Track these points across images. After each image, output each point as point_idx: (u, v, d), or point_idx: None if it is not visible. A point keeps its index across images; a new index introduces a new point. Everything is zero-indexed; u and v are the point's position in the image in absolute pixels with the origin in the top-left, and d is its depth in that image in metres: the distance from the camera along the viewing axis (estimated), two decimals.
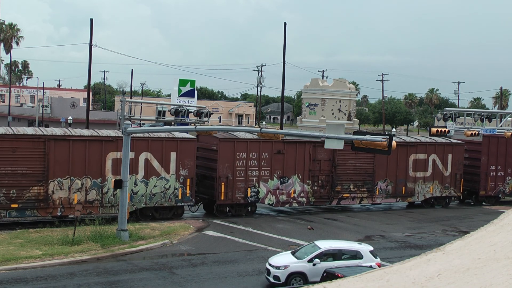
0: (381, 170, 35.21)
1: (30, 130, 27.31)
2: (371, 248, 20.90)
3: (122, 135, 25.54)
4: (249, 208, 32.05)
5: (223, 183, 30.67)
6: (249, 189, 31.36)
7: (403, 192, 36.19)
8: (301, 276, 19.60)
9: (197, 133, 30.16)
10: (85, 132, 28.62)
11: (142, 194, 28.86)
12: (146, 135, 29.18)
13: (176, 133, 30.04)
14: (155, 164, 29.08)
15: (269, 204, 32.46)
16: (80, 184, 27.30)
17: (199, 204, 32.41)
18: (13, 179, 25.81)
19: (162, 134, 29.48)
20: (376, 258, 20.48)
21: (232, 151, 30.85)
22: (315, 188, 33.38)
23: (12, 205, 25.94)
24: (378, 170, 35.10)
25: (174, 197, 29.60)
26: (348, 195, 34.36)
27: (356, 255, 20.17)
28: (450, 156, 37.46)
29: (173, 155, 29.37)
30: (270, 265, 19.85)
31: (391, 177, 35.62)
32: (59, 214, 27.01)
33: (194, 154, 30.05)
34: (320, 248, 20.09)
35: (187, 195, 29.98)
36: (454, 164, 37.68)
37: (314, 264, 19.55)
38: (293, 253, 20.58)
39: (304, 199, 33.17)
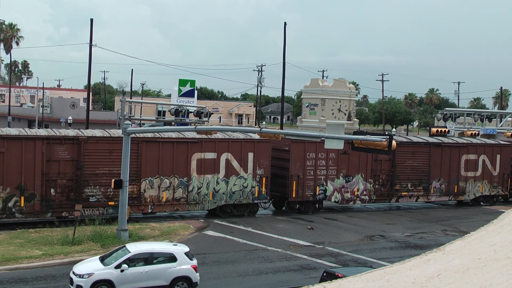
0: (436, 169, 37.25)
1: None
2: (187, 249, 19.15)
3: (207, 137, 28.56)
4: (316, 205, 33.80)
5: (294, 182, 32.56)
6: (317, 187, 33.21)
7: (456, 191, 38.22)
8: (107, 284, 17.78)
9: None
10: (173, 134, 30.09)
11: (223, 192, 30.72)
12: (227, 136, 31.24)
13: (252, 135, 31.60)
14: (235, 164, 30.92)
15: (335, 201, 34.27)
16: (168, 183, 29.29)
17: (270, 201, 33.60)
18: (110, 178, 26.89)
19: (241, 136, 31.78)
20: (192, 260, 18.83)
21: (303, 152, 32.68)
22: (376, 186, 35.36)
23: (110, 203, 27.92)
24: (433, 170, 37.15)
25: (251, 194, 31.43)
26: (406, 193, 36.40)
27: (170, 257, 18.57)
28: (498, 156, 39.56)
29: (250, 156, 31.23)
30: (73, 273, 18.00)
31: (445, 176, 37.68)
32: (149, 211, 29.09)
33: (269, 154, 31.81)
34: (129, 252, 18.36)
35: (263, 193, 31.79)
36: (502, 164, 39.71)
37: (122, 271, 17.84)
38: (102, 259, 18.73)
39: (367, 197, 35.15)
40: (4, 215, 26.11)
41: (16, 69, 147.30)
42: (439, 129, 40.99)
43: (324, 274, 18.43)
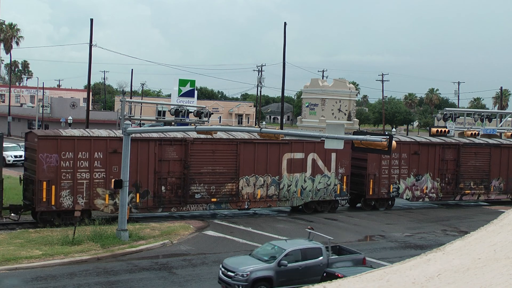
0: (495, 169, 39.13)
1: (223, 135, 31.08)
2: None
3: (296, 138, 30.78)
4: (389, 202, 36.23)
5: (371, 180, 35.06)
6: (391, 185, 35.68)
7: None
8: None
9: None
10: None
11: (310, 190, 33.06)
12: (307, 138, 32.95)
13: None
14: (320, 163, 33.23)
15: (406, 198, 36.62)
16: (262, 181, 31.62)
17: (347, 198, 35.42)
18: (212, 177, 30.14)
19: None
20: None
21: None
22: (443, 185, 37.58)
23: (212, 199, 30.39)
24: (493, 169, 39.08)
25: (333, 192, 33.82)
26: (469, 191, 38.58)
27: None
28: None
29: (333, 155, 33.44)
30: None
31: (503, 175, 39.55)
32: (246, 207, 31.44)
33: (350, 154, 33.66)
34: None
35: (344, 190, 34.20)
36: None
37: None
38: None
39: (434, 194, 37.41)
40: None
41: (16, 69, 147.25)
42: (439, 129, 40.99)
43: (324, 274, 18.41)
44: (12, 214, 27.47)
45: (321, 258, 19.11)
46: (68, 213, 26.94)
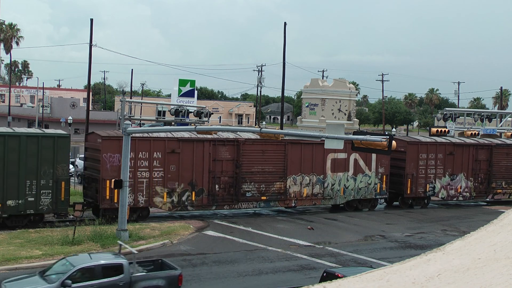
0: None
1: (376, 138, 31.46)
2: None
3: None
4: (425, 200, 37.54)
5: (409, 180, 36.31)
6: (427, 184, 36.92)
7: None
8: None
9: None
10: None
11: (352, 188, 34.48)
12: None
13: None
14: (361, 163, 34.61)
15: (441, 198, 37.90)
16: (308, 180, 32.92)
17: (386, 197, 36.85)
18: (262, 176, 31.54)
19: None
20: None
21: (417, 153, 36.39)
22: (476, 184, 38.78)
23: (262, 198, 31.73)
24: None
25: (374, 191, 35.25)
26: (500, 190, 39.81)
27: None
28: None
29: (373, 156, 34.54)
30: None
31: None
32: (293, 205, 32.92)
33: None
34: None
35: (383, 189, 35.61)
36: None
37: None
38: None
39: (468, 194, 38.63)
40: (179, 208, 29.79)
41: (16, 69, 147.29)
42: (439, 129, 40.99)
43: (324, 274, 18.41)
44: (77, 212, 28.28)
45: (121, 276, 16.47)
46: (130, 210, 27.76)
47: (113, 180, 25.34)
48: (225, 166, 30.59)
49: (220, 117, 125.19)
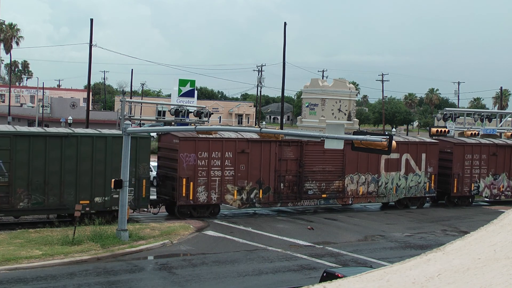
0: None
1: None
2: None
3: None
4: (470, 199, 39.32)
5: (455, 179, 37.85)
6: (472, 184, 38.51)
7: None
8: None
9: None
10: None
11: (403, 187, 36.05)
12: (406, 140, 37.40)
13: (425, 138, 37.90)
14: (412, 163, 36.17)
15: (485, 196, 39.60)
16: (364, 179, 34.58)
17: (434, 196, 38.26)
18: (323, 175, 33.18)
19: (417, 139, 37.84)
20: None
21: (462, 153, 38.03)
22: None
23: (322, 195, 33.40)
24: None
25: (423, 189, 36.76)
26: None
27: None
28: None
29: (423, 156, 36.41)
30: None
31: None
32: (350, 202, 34.75)
33: (437, 155, 36.98)
34: None
35: (432, 188, 37.04)
36: None
37: None
38: None
39: (510, 192, 40.20)
40: (248, 205, 31.43)
41: (16, 69, 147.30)
42: (439, 129, 40.99)
43: (324, 274, 18.39)
44: (153, 208, 30.47)
45: None
46: (203, 207, 30.19)
47: (112, 180, 25.32)
48: (289, 166, 32.21)
49: (220, 117, 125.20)
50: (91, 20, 50.70)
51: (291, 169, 32.21)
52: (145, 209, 29.56)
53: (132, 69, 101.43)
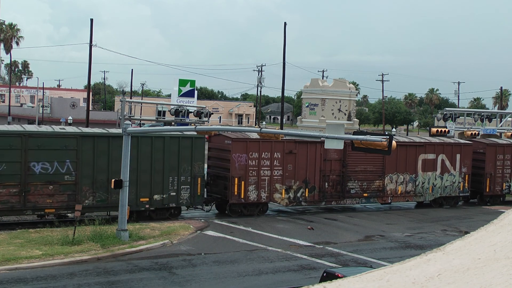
0: None
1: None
2: None
3: (428, 141, 36.60)
4: (501, 198, 40.70)
5: (488, 179, 39.21)
6: (504, 183, 39.94)
7: None
8: None
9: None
10: (401, 138, 38.07)
11: (439, 187, 37.25)
12: (441, 141, 37.88)
13: (460, 140, 39.73)
14: (447, 163, 37.33)
15: None
16: (402, 179, 35.76)
17: (468, 195, 39.34)
18: (364, 175, 34.44)
19: (452, 140, 38.97)
20: None
21: (494, 154, 39.33)
22: None
23: (364, 194, 34.69)
24: None
25: (458, 189, 38.02)
26: None
27: None
28: None
29: (457, 156, 37.64)
30: None
31: None
32: (389, 201, 35.88)
33: (471, 155, 38.24)
34: None
35: (465, 187, 38.21)
36: None
37: None
38: None
39: None
40: (295, 203, 32.64)
41: (16, 69, 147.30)
42: (439, 129, 40.99)
43: (324, 274, 18.39)
44: (206, 206, 31.63)
45: None
46: (252, 205, 31.43)
47: (112, 180, 25.32)
48: (333, 166, 33.44)
49: (220, 117, 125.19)
50: (91, 20, 50.72)
51: (335, 169, 33.43)
52: (199, 207, 30.71)
53: (132, 69, 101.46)
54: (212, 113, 43.98)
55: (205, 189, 31.49)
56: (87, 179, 27.11)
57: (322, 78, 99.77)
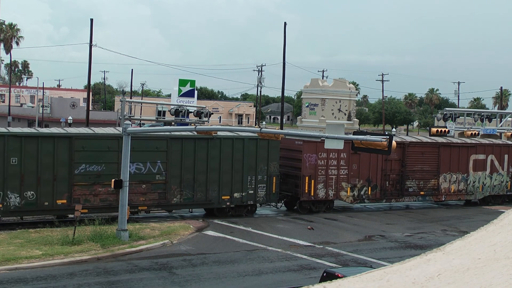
0: None
1: (428, 139, 37.96)
2: None
3: (478, 141, 38.62)
4: None
5: None
6: None
7: None
8: None
9: None
10: (454, 140, 39.27)
11: (488, 186, 39.03)
12: (491, 142, 39.55)
13: (499, 140, 41.63)
14: (496, 163, 39.05)
15: None
16: (455, 178, 37.53)
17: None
18: (421, 174, 36.21)
19: (500, 142, 41.12)
20: None
21: None
22: None
23: (420, 193, 36.47)
24: None
25: (505, 188, 39.75)
26: None
27: None
28: None
29: (506, 157, 39.48)
30: None
31: None
32: (443, 199, 37.66)
33: None
34: None
35: None
36: None
37: None
38: None
39: None
40: (358, 200, 34.73)
41: (16, 69, 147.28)
42: (439, 129, 40.99)
43: (324, 274, 18.38)
44: (279, 204, 33.29)
45: None
46: (320, 202, 33.41)
47: (112, 180, 25.31)
48: (393, 165, 35.35)
49: (220, 117, 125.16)
50: (91, 20, 50.71)
51: (394, 169, 35.37)
52: (274, 204, 32.63)
53: (132, 69, 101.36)
54: (212, 113, 44.00)
55: None
56: (176, 179, 29.08)
57: (322, 78, 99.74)
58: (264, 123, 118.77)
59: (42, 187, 26.27)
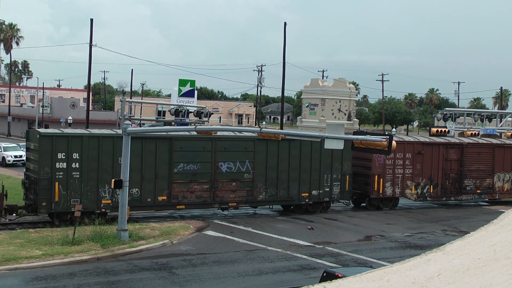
0: None
1: (483, 140, 39.87)
2: None
3: None
4: None
5: None
6: None
7: None
8: None
9: None
10: (507, 141, 41.61)
11: None
12: None
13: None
14: None
15: None
16: (508, 177, 39.48)
17: None
18: (477, 173, 38.18)
19: None
20: None
21: None
22: None
23: (477, 191, 38.47)
24: None
25: None
26: None
27: None
28: None
29: None
30: None
31: None
32: (497, 197, 39.62)
33: None
34: None
35: None
36: None
37: None
38: None
39: None
40: (421, 198, 36.60)
41: (16, 69, 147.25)
42: (439, 129, 40.96)
43: (324, 274, 18.37)
44: (346, 201, 34.79)
45: None
46: (387, 199, 35.49)
47: (112, 180, 25.32)
48: (453, 165, 37.26)
49: (220, 117, 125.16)
50: (91, 20, 50.70)
51: (454, 168, 37.30)
52: (347, 201, 34.56)
53: (132, 69, 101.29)
54: (212, 113, 43.96)
55: None
56: (261, 177, 31.07)
57: (322, 78, 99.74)
58: (264, 123, 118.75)
59: (145, 185, 28.28)
